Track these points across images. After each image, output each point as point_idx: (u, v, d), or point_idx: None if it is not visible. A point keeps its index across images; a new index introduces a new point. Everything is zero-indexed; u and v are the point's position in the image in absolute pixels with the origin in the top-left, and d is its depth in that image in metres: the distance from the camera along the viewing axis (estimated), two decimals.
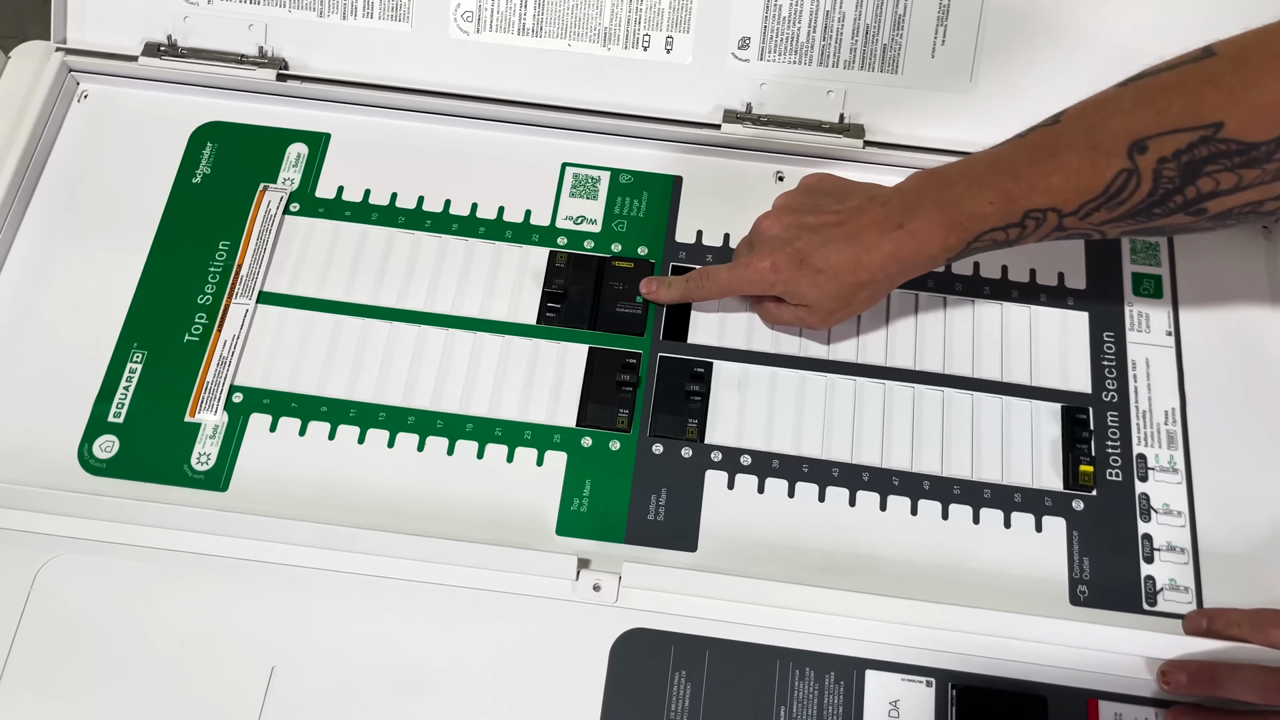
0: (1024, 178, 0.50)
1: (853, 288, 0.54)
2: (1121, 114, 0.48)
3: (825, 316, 0.57)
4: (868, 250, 0.53)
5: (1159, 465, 0.57)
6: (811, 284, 0.55)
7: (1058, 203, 0.49)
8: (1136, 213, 0.49)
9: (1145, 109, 0.47)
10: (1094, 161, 0.48)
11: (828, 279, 0.54)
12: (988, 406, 0.59)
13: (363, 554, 0.54)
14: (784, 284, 0.55)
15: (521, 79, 0.65)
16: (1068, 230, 0.51)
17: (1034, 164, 0.50)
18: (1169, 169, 0.47)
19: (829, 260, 0.54)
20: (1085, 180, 0.48)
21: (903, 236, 0.53)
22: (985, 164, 0.52)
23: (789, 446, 0.57)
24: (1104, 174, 0.48)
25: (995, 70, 0.64)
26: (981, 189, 0.51)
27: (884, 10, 0.64)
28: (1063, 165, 0.49)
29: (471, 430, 0.58)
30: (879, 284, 0.55)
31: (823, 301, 0.55)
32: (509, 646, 0.52)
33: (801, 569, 0.55)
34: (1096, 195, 0.48)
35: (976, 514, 0.56)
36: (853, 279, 0.54)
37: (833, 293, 0.55)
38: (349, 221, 0.63)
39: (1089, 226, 0.50)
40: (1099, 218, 0.49)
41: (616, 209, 0.64)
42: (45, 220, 0.63)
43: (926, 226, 0.52)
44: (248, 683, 0.52)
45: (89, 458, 0.57)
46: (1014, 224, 0.51)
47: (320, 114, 0.66)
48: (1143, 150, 0.47)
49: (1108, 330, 0.61)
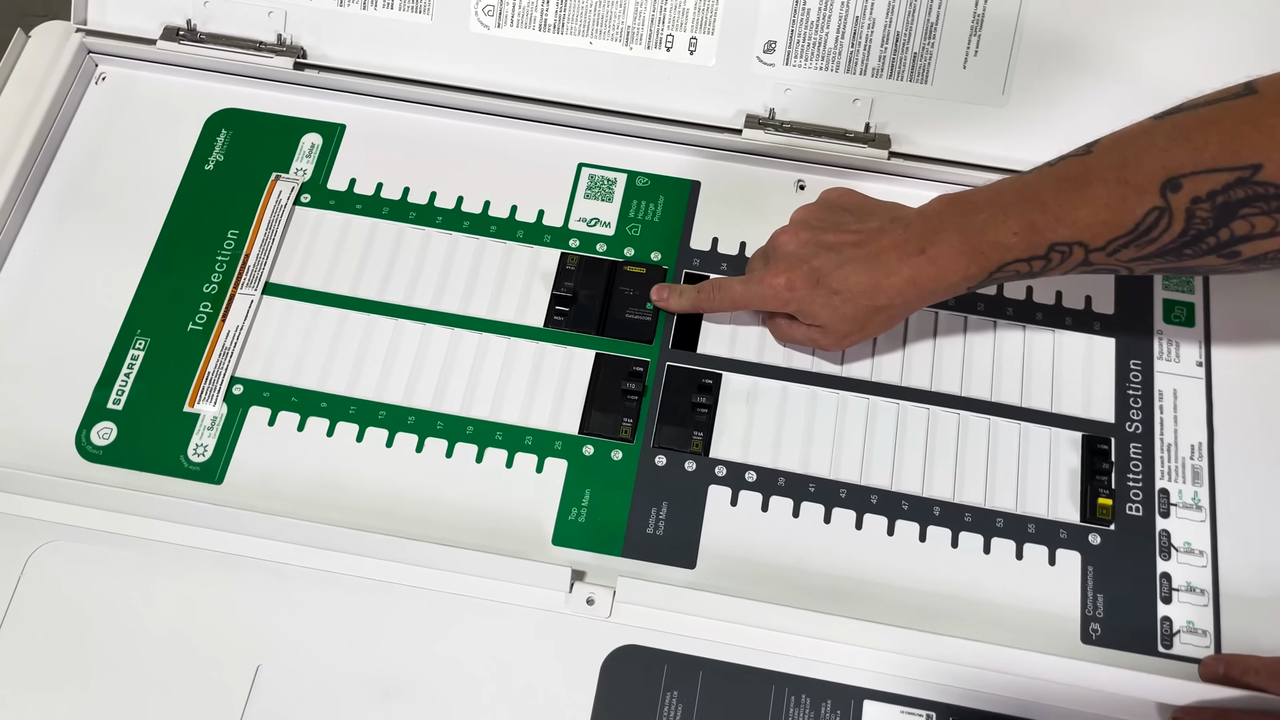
0: (1051, 209, 0.48)
1: (869, 311, 0.53)
2: (1156, 149, 0.45)
3: (839, 339, 0.55)
4: (887, 274, 0.52)
5: (1182, 501, 0.55)
6: (826, 305, 0.53)
7: (1085, 237, 0.47)
8: (1166, 252, 0.47)
9: (1181, 145, 0.45)
10: (1125, 197, 0.46)
11: (843, 301, 0.53)
12: (1005, 432, 0.57)
13: (354, 555, 0.53)
14: (798, 303, 0.54)
15: (540, 76, 0.64)
16: (1094, 266, 0.49)
17: (1062, 195, 0.48)
18: (1203, 209, 0.44)
19: (846, 282, 0.52)
20: (1115, 216, 0.46)
21: (923, 263, 0.51)
22: (1012, 192, 0.50)
23: (796, 464, 0.56)
24: (1134, 211, 0.46)
25: (1029, 84, 0.62)
26: (1006, 218, 0.49)
27: (916, 17, 0.62)
28: (1092, 199, 0.47)
29: (472, 433, 0.56)
30: (896, 309, 0.53)
31: (837, 323, 0.54)
32: (497, 657, 0.51)
33: (803, 592, 0.53)
34: (1126, 232, 0.46)
35: (988, 543, 0.54)
36: (869, 302, 0.52)
37: (848, 315, 0.53)
38: (360, 215, 0.62)
39: (1116, 263, 0.48)
40: (1127, 255, 0.47)
41: (631, 212, 0.62)
42: (56, 201, 0.63)
43: (948, 254, 0.50)
44: (232, 680, 0.51)
45: (86, 444, 0.56)
46: (1038, 256, 0.49)
47: (336, 104, 0.65)
48: (1176, 188, 0.45)
49: (1135, 358, 0.58)
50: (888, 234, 0.52)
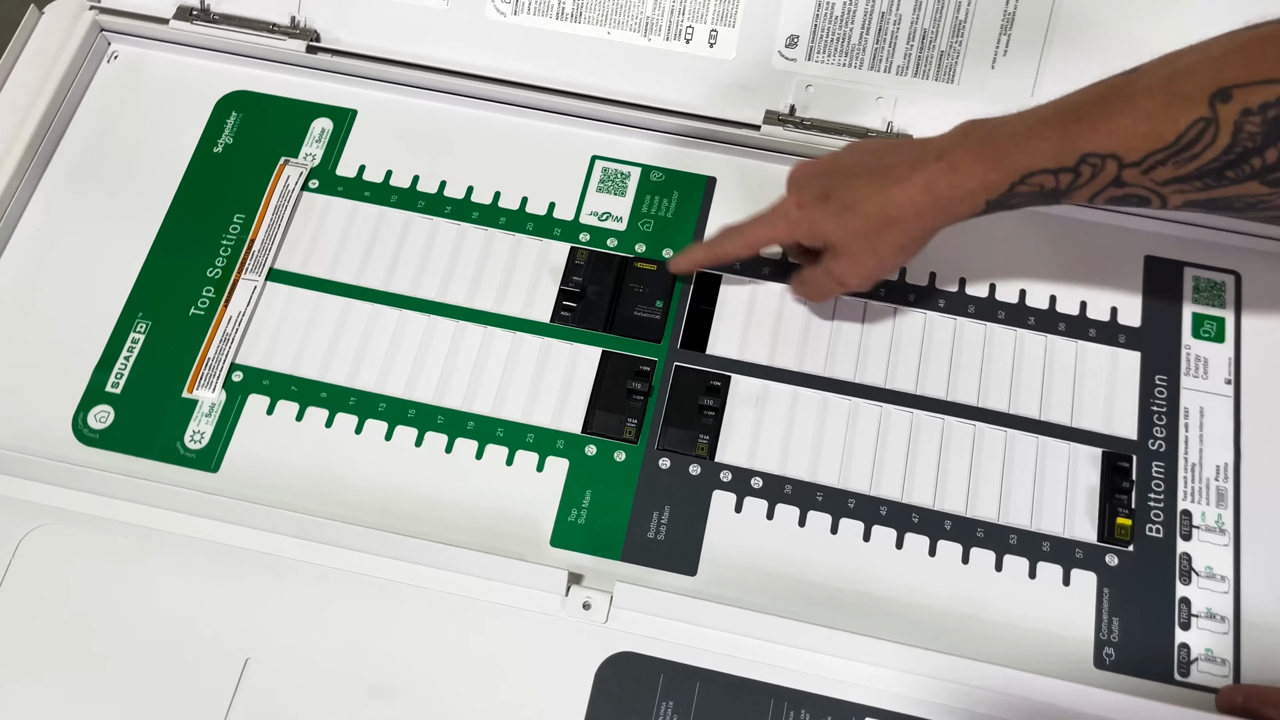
0: (1089, 117, 0.45)
1: (880, 224, 0.49)
2: (1209, 60, 0.43)
3: (853, 264, 0.51)
4: (898, 181, 0.48)
5: (1205, 524, 0.53)
6: (836, 221, 0.50)
7: (1121, 149, 0.44)
8: (1207, 172, 0.44)
9: (1236, 56, 0.42)
10: (1169, 105, 0.43)
11: (853, 214, 0.50)
12: (1022, 445, 0.55)
13: (348, 550, 0.52)
14: (808, 222, 0.51)
15: (556, 65, 0.63)
16: (1125, 187, 0.46)
17: (1103, 105, 0.45)
18: (1252, 123, 0.42)
19: (855, 193, 0.49)
20: (1157, 126, 0.43)
21: (940, 168, 0.48)
22: (1048, 106, 0.47)
23: (804, 472, 0.54)
24: (1178, 121, 0.43)
25: (1060, 87, 0.59)
26: (1038, 125, 0.46)
27: (944, 14, 0.60)
28: (1134, 106, 0.44)
29: (473, 429, 0.55)
30: (909, 223, 0.49)
31: (848, 241, 0.50)
32: (490, 659, 0.50)
33: (806, 604, 0.52)
34: (1166, 145, 0.43)
35: (1000, 560, 0.52)
36: (880, 213, 0.49)
37: (858, 229, 0.50)
38: (367, 203, 0.61)
39: (1150, 185, 0.45)
40: (1163, 174, 0.44)
41: (644, 207, 0.61)
42: (64, 179, 0.62)
43: (968, 159, 0.47)
44: (221, 673, 0.50)
45: (83, 427, 0.55)
46: (1067, 168, 0.46)
47: (348, 89, 0.64)
48: (1226, 99, 0.42)
49: (1161, 373, 0.56)
50: (903, 149, 0.50)
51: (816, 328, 0.57)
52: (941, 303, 0.58)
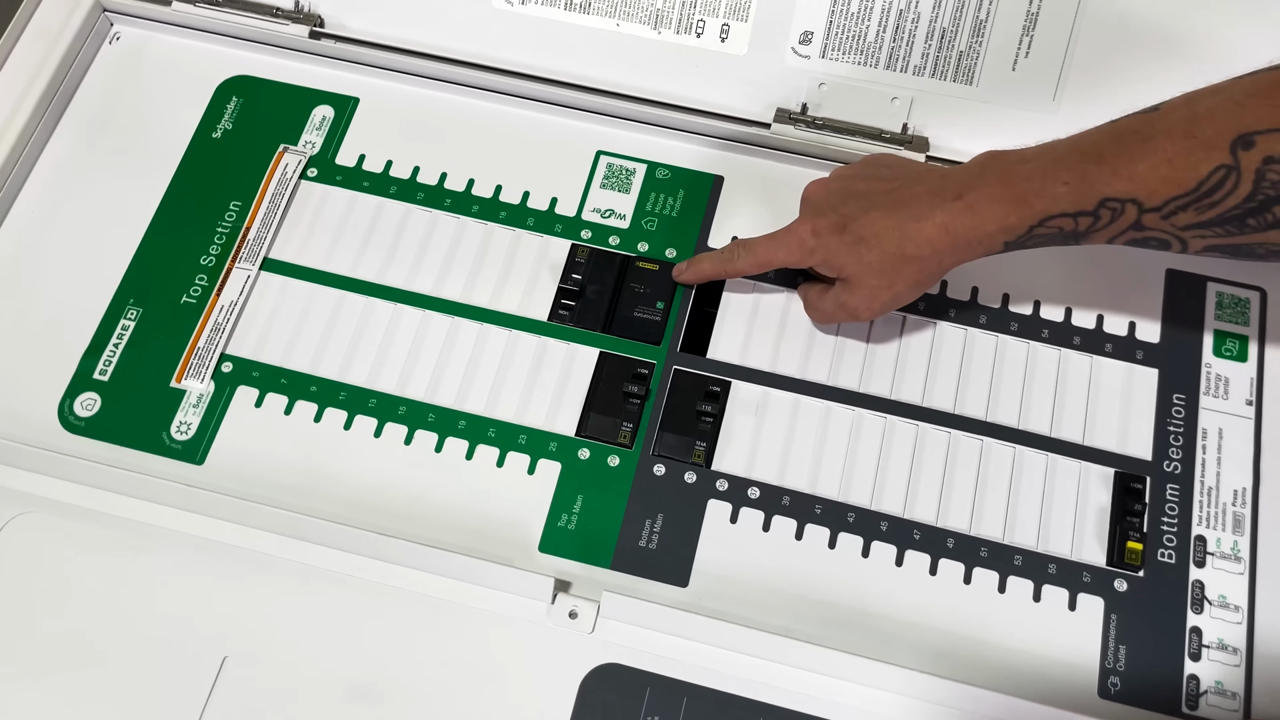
0: (1108, 161, 0.44)
1: (897, 261, 0.49)
2: (1231, 105, 0.42)
3: (867, 298, 0.50)
4: (917, 219, 0.48)
5: (1219, 551, 0.51)
6: (852, 253, 0.49)
7: (1141, 194, 0.43)
8: (1228, 219, 0.43)
9: (1259, 102, 0.41)
10: (1190, 152, 0.42)
11: (869, 248, 0.49)
12: (1031, 463, 0.53)
13: (332, 549, 0.50)
14: (823, 251, 0.50)
15: (563, 57, 0.61)
16: (1145, 231, 0.45)
17: (1122, 148, 0.44)
18: (1275, 172, 0.41)
19: (873, 227, 0.48)
20: (1177, 171, 0.42)
21: (959, 209, 0.47)
22: (1066, 145, 0.46)
23: (803, 483, 0.52)
24: (1199, 167, 0.42)
25: (1083, 90, 0.58)
26: (1057, 168, 0.45)
27: (964, 13, 0.58)
28: (1154, 151, 0.43)
29: (464, 428, 0.54)
30: (926, 261, 0.49)
31: (863, 274, 0.49)
32: (473, 666, 0.49)
33: (801, 620, 0.50)
34: (1187, 191, 0.43)
35: (1003, 581, 0.51)
36: (897, 250, 0.48)
37: (874, 264, 0.49)
38: (366, 193, 0.59)
39: (1170, 230, 0.44)
40: (1184, 219, 0.43)
41: (648, 205, 0.59)
42: (61, 160, 0.61)
43: (987, 200, 0.46)
44: (197, 670, 0.49)
45: (69, 414, 0.54)
46: (1086, 212, 0.45)
47: (350, 77, 0.63)
48: (1249, 145, 0.41)
49: (1179, 392, 0.54)
50: (923, 181, 0.49)
51: (822, 335, 0.55)
52: (952, 312, 0.56)
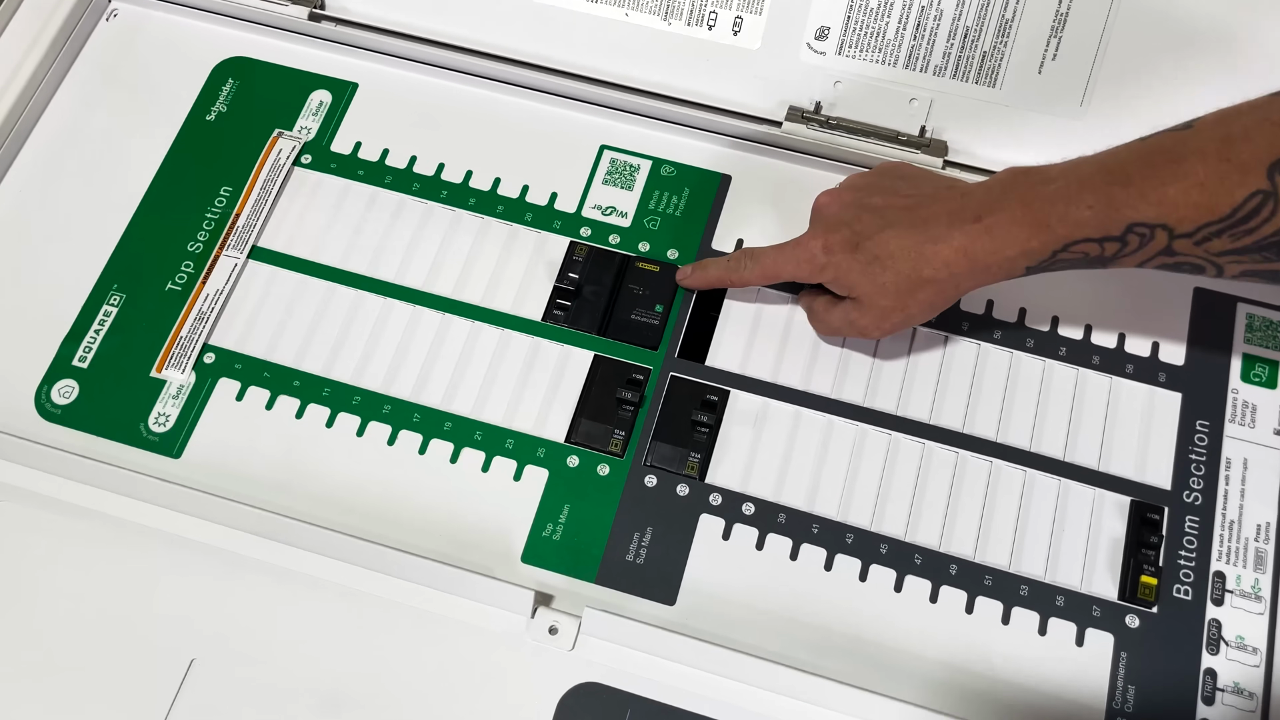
0: (1136, 184, 0.41)
1: (912, 283, 0.46)
2: (1269, 125, 0.39)
3: (878, 318, 0.48)
4: (934, 240, 0.45)
5: (1239, 589, 0.48)
6: (865, 273, 0.47)
7: (1171, 219, 0.41)
8: (1265, 247, 0.40)
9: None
10: (1224, 176, 0.39)
11: (883, 268, 0.46)
12: (1042, 488, 0.50)
13: (306, 551, 0.49)
14: (834, 269, 0.48)
15: (569, 47, 0.59)
16: (1176, 256, 0.42)
17: (1151, 169, 0.41)
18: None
19: (888, 246, 0.46)
20: (1210, 197, 0.40)
21: (978, 231, 0.45)
22: (1092, 164, 0.44)
23: (801, 501, 0.50)
24: (1234, 193, 0.39)
25: (1112, 96, 0.55)
26: (1082, 190, 0.43)
27: (989, 12, 0.55)
28: (1186, 174, 0.40)
29: (449, 430, 0.52)
30: (943, 284, 0.46)
31: (876, 295, 0.47)
32: (446, 679, 0.47)
33: (792, 645, 0.48)
34: (1221, 218, 0.40)
35: (1008, 612, 0.48)
36: (912, 272, 0.46)
37: (888, 285, 0.47)
38: (360, 182, 0.57)
39: (1203, 256, 0.42)
40: (1217, 246, 0.41)
41: (652, 203, 0.57)
42: (52, 139, 0.59)
43: (1007, 223, 0.44)
44: (164, 672, 0.47)
45: (45, 401, 0.53)
46: (1113, 237, 0.43)
47: (350, 61, 0.61)
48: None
49: (1203, 419, 0.51)
50: (942, 200, 0.46)
51: (827, 346, 0.53)
52: (965, 326, 0.53)
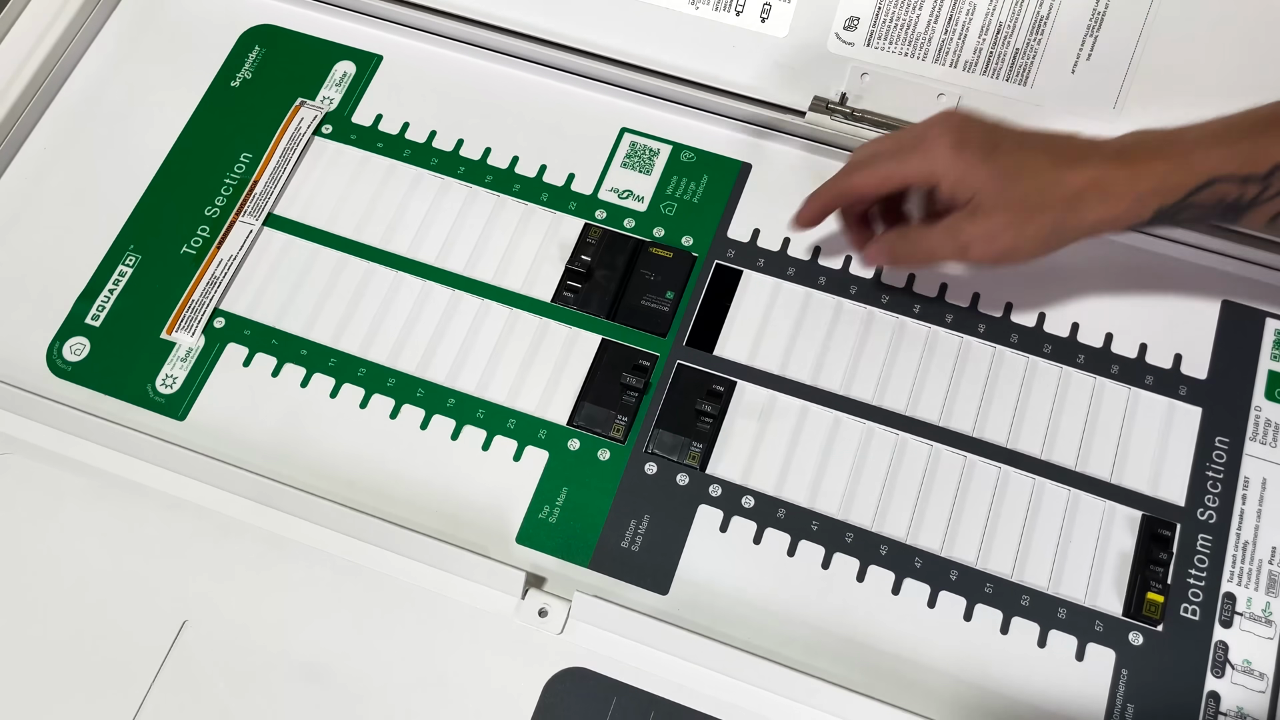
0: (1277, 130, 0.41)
1: (1036, 204, 0.44)
2: None
3: (989, 234, 0.45)
4: (1070, 164, 0.44)
5: (1249, 612, 0.47)
6: (998, 182, 0.44)
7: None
8: None
9: None
10: None
11: (1013, 180, 0.44)
12: (1051, 497, 0.49)
13: (302, 519, 0.49)
14: (964, 167, 0.44)
15: (594, 27, 0.58)
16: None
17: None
18: None
19: (1023, 161, 0.44)
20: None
21: (1115, 164, 0.43)
22: (1233, 116, 0.43)
23: (802, 497, 0.49)
24: None
25: (1147, 99, 0.53)
26: (1226, 132, 0.43)
27: (1024, 8, 0.53)
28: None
29: (452, 406, 0.51)
30: (1067, 217, 0.44)
31: (996, 205, 0.44)
32: (432, 656, 0.47)
33: (784, 642, 0.47)
34: None
35: (1007, 622, 0.47)
36: (1041, 192, 0.44)
37: (1014, 198, 0.44)
38: (379, 154, 0.57)
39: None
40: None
41: (669, 189, 0.56)
42: (78, 100, 0.60)
43: (1147, 155, 0.43)
44: (156, 631, 0.48)
45: (57, 358, 0.53)
46: (1257, 176, 0.42)
47: (376, 33, 0.60)
48: None
49: (1222, 435, 0.50)
50: (1075, 140, 0.45)
51: (839, 340, 0.52)
52: (982, 328, 0.52)
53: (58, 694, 0.47)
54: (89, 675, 0.47)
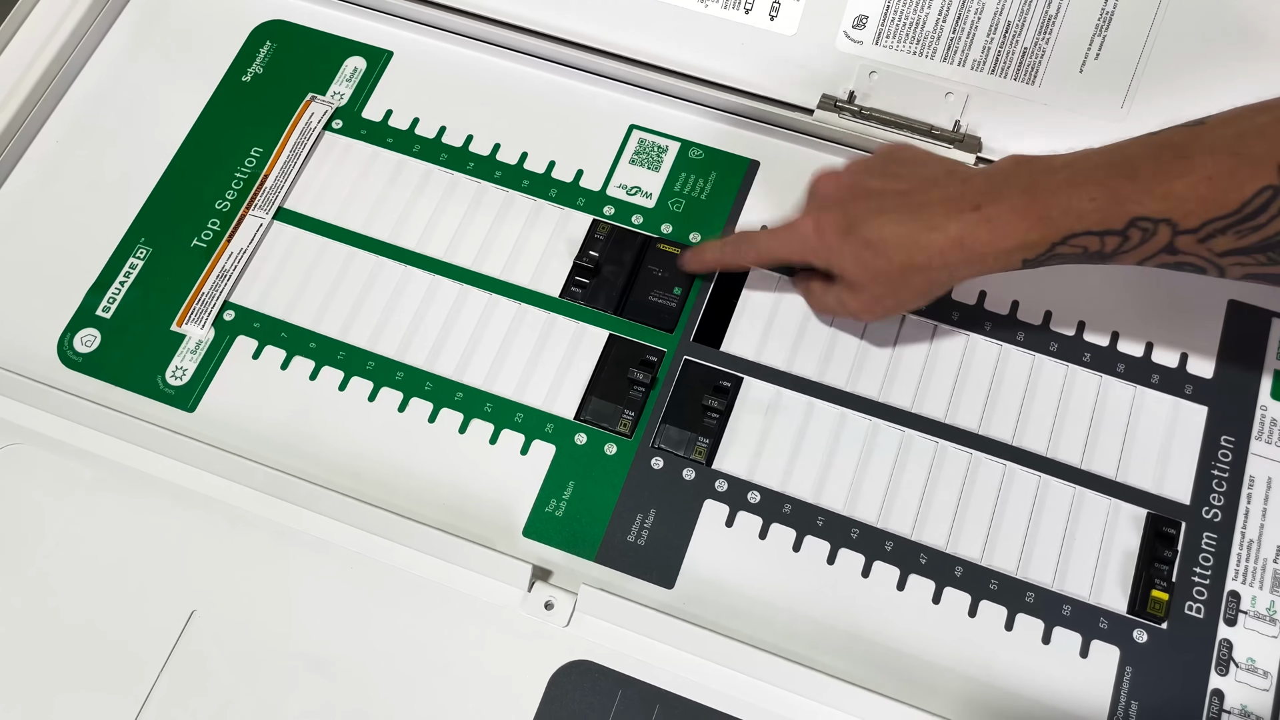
0: (1142, 177, 0.40)
1: (904, 270, 0.45)
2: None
3: (870, 303, 0.48)
4: (929, 229, 0.44)
5: (1253, 610, 0.47)
6: (856, 258, 0.46)
7: (1176, 214, 0.40)
8: (1271, 245, 0.39)
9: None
10: (1234, 171, 0.38)
11: (875, 254, 0.45)
12: (1056, 494, 0.49)
13: (309, 511, 0.49)
14: (826, 252, 0.47)
15: (603, 24, 0.58)
16: (1178, 255, 0.41)
17: (1158, 163, 0.40)
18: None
19: (881, 232, 0.45)
20: (1218, 191, 0.39)
21: (976, 221, 0.43)
22: (1098, 156, 0.42)
23: (807, 493, 0.49)
24: (1243, 188, 0.38)
25: (1155, 100, 0.53)
26: (1086, 182, 0.42)
27: (1032, 7, 0.54)
28: (1194, 169, 0.39)
29: (460, 399, 0.52)
30: (935, 273, 0.45)
31: (868, 282, 0.46)
32: (439, 648, 0.47)
33: (788, 637, 0.47)
34: (1228, 213, 0.39)
35: (1011, 619, 0.47)
36: (905, 259, 0.45)
37: (880, 271, 0.46)
38: (389, 149, 0.58)
39: (1205, 256, 0.40)
40: (1222, 244, 0.40)
41: (677, 186, 0.56)
42: (90, 93, 0.60)
43: (1007, 214, 0.43)
44: (164, 621, 0.48)
45: (68, 349, 0.54)
46: (1114, 231, 0.41)
47: (386, 29, 0.61)
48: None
49: (1228, 434, 0.50)
50: (940, 186, 0.45)
51: (845, 338, 0.52)
52: (988, 326, 0.52)
53: (66, 683, 0.47)
54: (97, 664, 0.47)
